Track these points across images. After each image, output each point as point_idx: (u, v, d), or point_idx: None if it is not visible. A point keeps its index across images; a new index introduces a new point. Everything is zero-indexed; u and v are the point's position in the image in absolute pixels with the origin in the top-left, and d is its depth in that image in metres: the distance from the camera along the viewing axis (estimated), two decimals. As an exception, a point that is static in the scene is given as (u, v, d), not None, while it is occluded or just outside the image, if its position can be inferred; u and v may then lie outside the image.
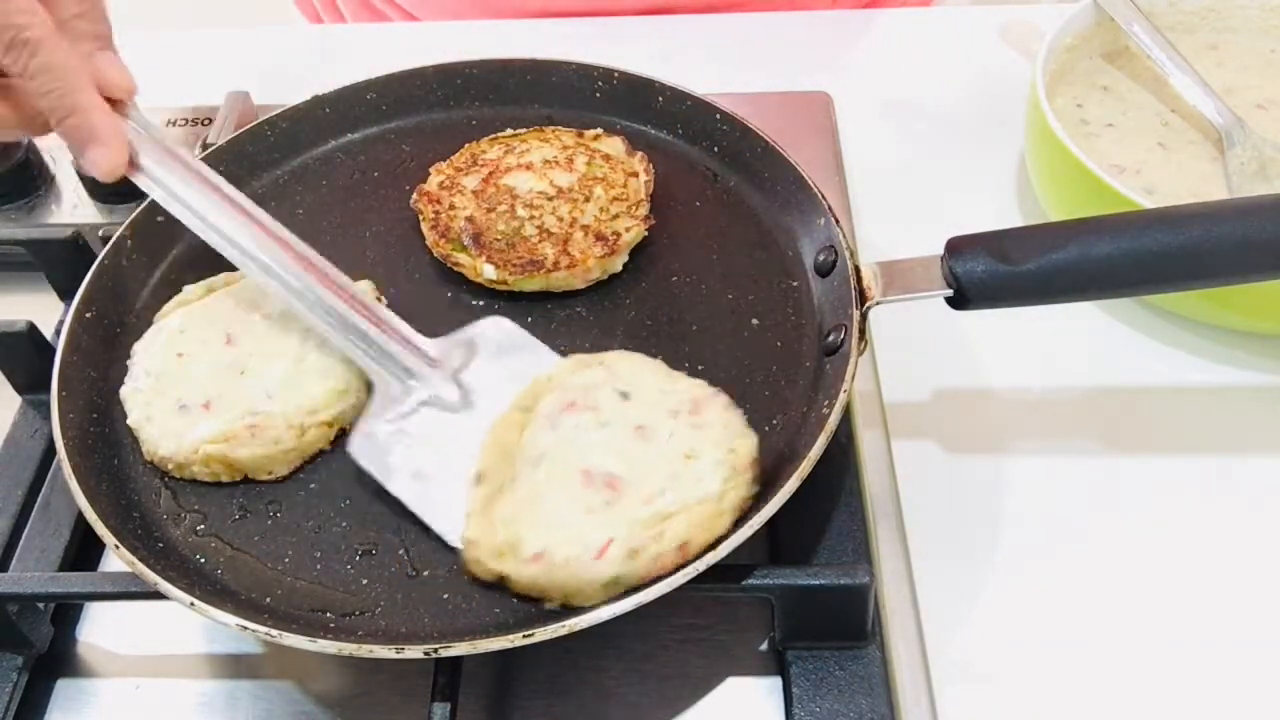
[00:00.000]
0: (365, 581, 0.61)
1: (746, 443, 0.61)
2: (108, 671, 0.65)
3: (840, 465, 0.69)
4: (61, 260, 0.81)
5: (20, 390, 0.76)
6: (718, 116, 0.81)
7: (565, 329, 0.73)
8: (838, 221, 0.71)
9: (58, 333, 0.73)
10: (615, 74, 0.85)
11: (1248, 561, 0.67)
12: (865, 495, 0.68)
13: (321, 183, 0.83)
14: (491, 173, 0.80)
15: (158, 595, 0.58)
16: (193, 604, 0.57)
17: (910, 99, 1.00)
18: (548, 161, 0.80)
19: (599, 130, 0.83)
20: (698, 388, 0.64)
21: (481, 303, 0.75)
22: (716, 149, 0.82)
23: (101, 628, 0.67)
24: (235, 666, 0.65)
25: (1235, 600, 0.65)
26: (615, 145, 0.82)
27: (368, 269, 0.75)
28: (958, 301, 0.64)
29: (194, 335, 0.69)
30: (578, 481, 0.59)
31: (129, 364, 0.69)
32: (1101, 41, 0.89)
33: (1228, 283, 0.65)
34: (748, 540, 0.57)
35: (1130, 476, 0.71)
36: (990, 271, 0.63)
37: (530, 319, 0.73)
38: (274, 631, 0.56)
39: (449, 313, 0.73)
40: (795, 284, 0.74)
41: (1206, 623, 0.64)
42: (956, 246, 0.64)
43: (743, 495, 0.59)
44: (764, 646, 0.64)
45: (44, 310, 0.80)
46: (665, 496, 0.58)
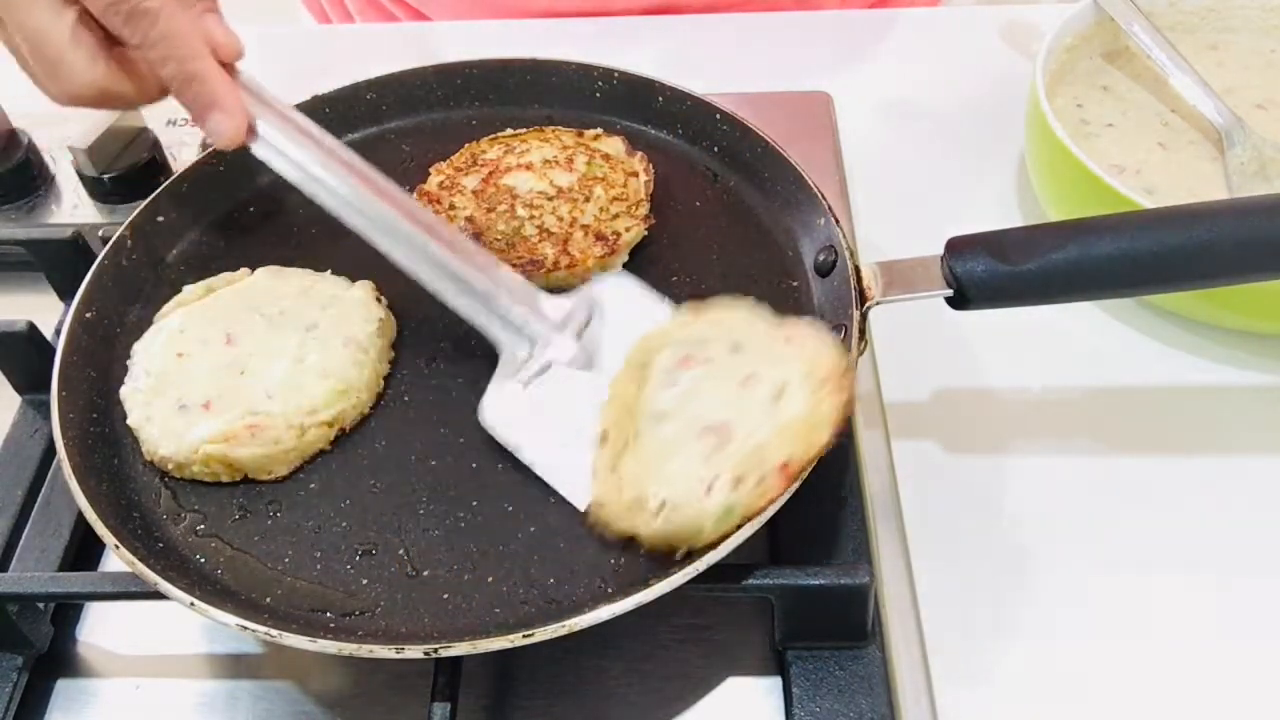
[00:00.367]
0: (365, 581, 0.61)
1: (827, 355, 0.61)
2: (108, 671, 0.65)
3: (840, 465, 0.69)
4: (61, 260, 0.81)
5: (20, 390, 0.76)
6: (718, 116, 0.81)
7: (565, 329, 0.73)
8: (838, 221, 0.71)
9: (58, 333, 0.73)
10: (615, 74, 0.85)
11: (1248, 561, 0.67)
12: (865, 495, 0.68)
13: (322, 183, 0.83)
14: (491, 173, 0.80)
15: (158, 595, 0.58)
16: (193, 604, 0.57)
17: (910, 99, 1.00)
18: (548, 161, 0.80)
19: (599, 130, 0.83)
20: (791, 323, 0.64)
21: (481, 303, 0.75)
22: (716, 149, 0.82)
23: (101, 628, 0.67)
24: (235, 666, 0.65)
25: (1235, 600, 0.65)
26: (615, 145, 0.82)
27: (368, 269, 0.75)
28: (958, 301, 0.64)
29: (194, 335, 0.69)
30: (698, 435, 0.59)
31: (129, 364, 0.69)
32: (1101, 41, 0.89)
33: (1228, 283, 0.65)
34: (748, 540, 0.57)
35: (1130, 476, 0.71)
36: (990, 271, 0.63)
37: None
38: (274, 631, 0.56)
39: (449, 313, 0.73)
40: (795, 284, 0.74)
41: (1206, 622, 0.64)
42: (956, 246, 0.64)
43: (830, 406, 0.59)
44: (764, 646, 0.64)
45: (44, 310, 0.80)
46: (761, 430, 0.58)
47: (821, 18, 1.11)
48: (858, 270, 0.67)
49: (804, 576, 0.59)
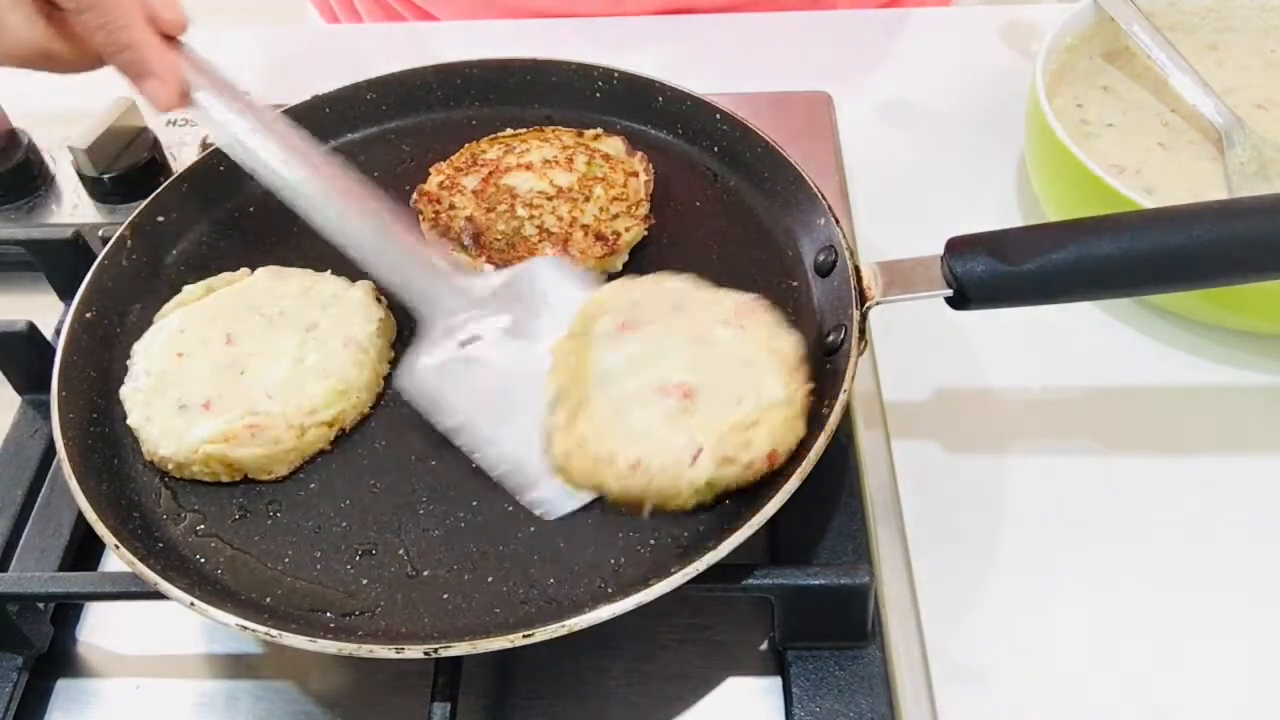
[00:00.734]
0: (365, 581, 0.61)
1: (789, 341, 0.64)
2: (108, 671, 0.65)
3: (840, 465, 0.69)
4: (61, 260, 0.81)
5: (20, 390, 0.76)
6: (718, 116, 0.81)
7: (565, 329, 0.73)
8: (838, 221, 0.71)
9: (58, 333, 0.73)
10: (615, 74, 0.85)
11: (1248, 561, 0.67)
12: (865, 495, 0.68)
13: (322, 182, 0.83)
14: (491, 173, 0.80)
15: (158, 595, 0.58)
16: (193, 604, 0.57)
17: (910, 99, 1.00)
18: (548, 161, 0.80)
19: (599, 130, 0.83)
20: (737, 296, 0.66)
21: (481, 303, 0.75)
22: (716, 149, 0.82)
23: (101, 628, 0.67)
24: (235, 666, 0.65)
25: (1235, 600, 0.65)
26: (615, 145, 0.82)
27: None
28: (958, 301, 0.64)
29: (194, 335, 0.69)
30: (653, 394, 0.61)
31: (129, 364, 0.69)
32: (1101, 41, 0.89)
33: (1228, 283, 0.65)
34: (748, 540, 0.57)
35: (1130, 476, 0.71)
36: (990, 271, 0.63)
37: (530, 319, 0.73)
38: (274, 631, 0.56)
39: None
40: (795, 284, 0.74)
41: (1206, 622, 0.64)
42: (956, 246, 0.64)
43: (804, 395, 0.62)
44: (764, 646, 0.64)
45: (44, 310, 0.80)
46: (742, 406, 0.60)
47: (821, 18, 1.11)
48: (858, 270, 0.67)
49: (804, 576, 0.59)
